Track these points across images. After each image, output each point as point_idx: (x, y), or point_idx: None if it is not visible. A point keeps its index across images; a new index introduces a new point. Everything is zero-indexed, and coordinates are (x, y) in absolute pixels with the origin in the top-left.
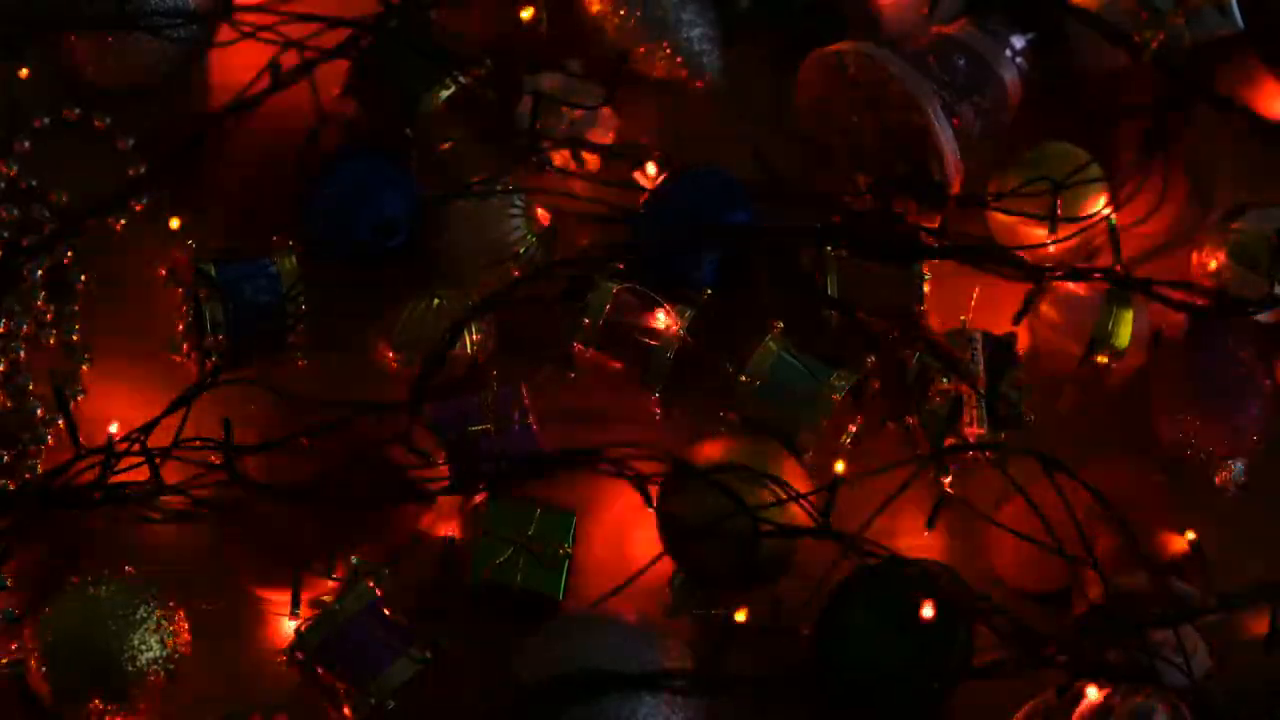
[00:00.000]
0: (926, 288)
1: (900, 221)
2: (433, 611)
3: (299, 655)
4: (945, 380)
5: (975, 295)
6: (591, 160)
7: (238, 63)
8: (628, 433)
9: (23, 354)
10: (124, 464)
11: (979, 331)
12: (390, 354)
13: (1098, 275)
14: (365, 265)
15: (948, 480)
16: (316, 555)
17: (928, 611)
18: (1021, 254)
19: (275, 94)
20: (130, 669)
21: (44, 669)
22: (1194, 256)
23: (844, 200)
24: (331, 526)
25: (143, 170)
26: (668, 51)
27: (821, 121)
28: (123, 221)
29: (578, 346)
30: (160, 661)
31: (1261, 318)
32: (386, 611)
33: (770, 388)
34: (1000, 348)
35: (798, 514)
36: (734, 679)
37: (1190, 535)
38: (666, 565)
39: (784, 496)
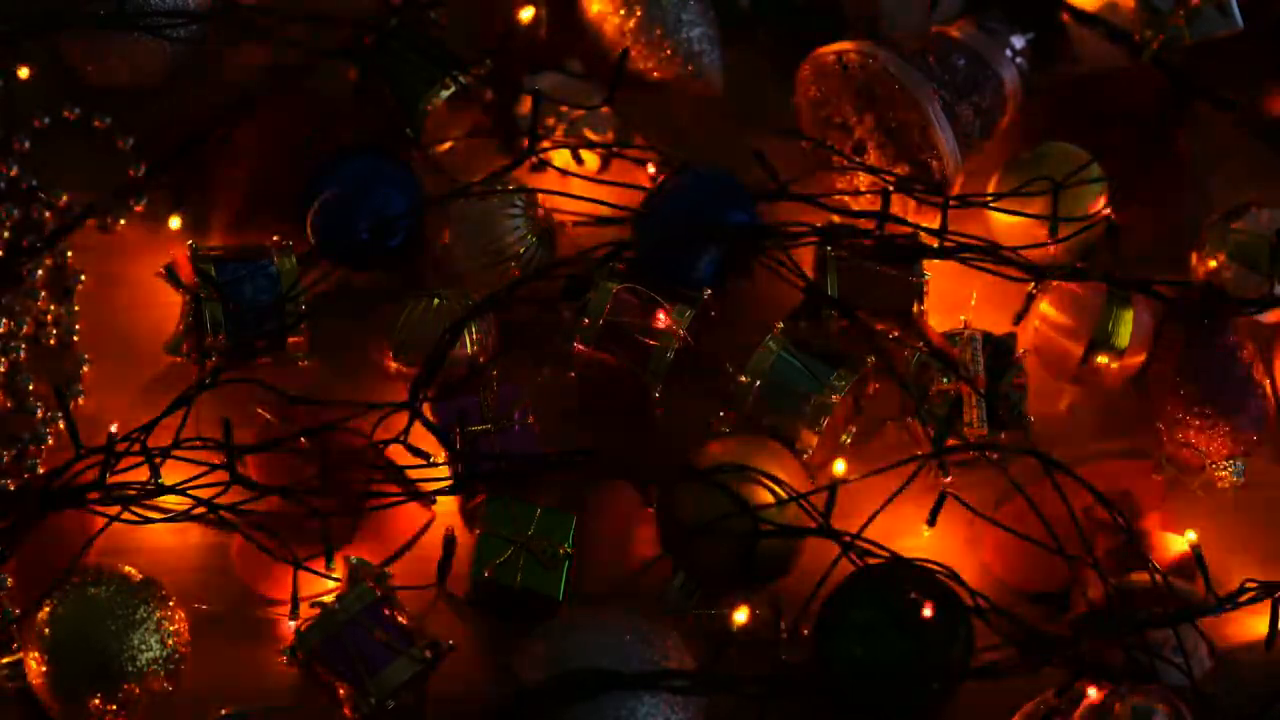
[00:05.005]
0: (926, 288)
1: (900, 221)
2: (433, 611)
3: (299, 655)
4: (945, 380)
5: (975, 295)
6: (591, 160)
7: (238, 63)
8: (628, 433)
9: (23, 354)
10: (124, 464)
11: (979, 331)
12: (390, 354)
13: (1098, 275)
14: (365, 265)
15: (948, 480)
16: (316, 555)
17: (928, 611)
18: (1021, 254)
19: (275, 94)
20: (130, 669)
21: (44, 669)
22: (1194, 256)
23: (844, 200)
24: (331, 526)
25: (143, 170)
26: (668, 52)
27: (821, 121)
28: (123, 221)
29: (578, 346)
30: (160, 661)
31: (1261, 318)
32: (386, 611)
33: (770, 388)
34: (1000, 348)
35: (798, 514)
36: (734, 679)
37: (1190, 535)
38: (666, 565)
39: (784, 496)
